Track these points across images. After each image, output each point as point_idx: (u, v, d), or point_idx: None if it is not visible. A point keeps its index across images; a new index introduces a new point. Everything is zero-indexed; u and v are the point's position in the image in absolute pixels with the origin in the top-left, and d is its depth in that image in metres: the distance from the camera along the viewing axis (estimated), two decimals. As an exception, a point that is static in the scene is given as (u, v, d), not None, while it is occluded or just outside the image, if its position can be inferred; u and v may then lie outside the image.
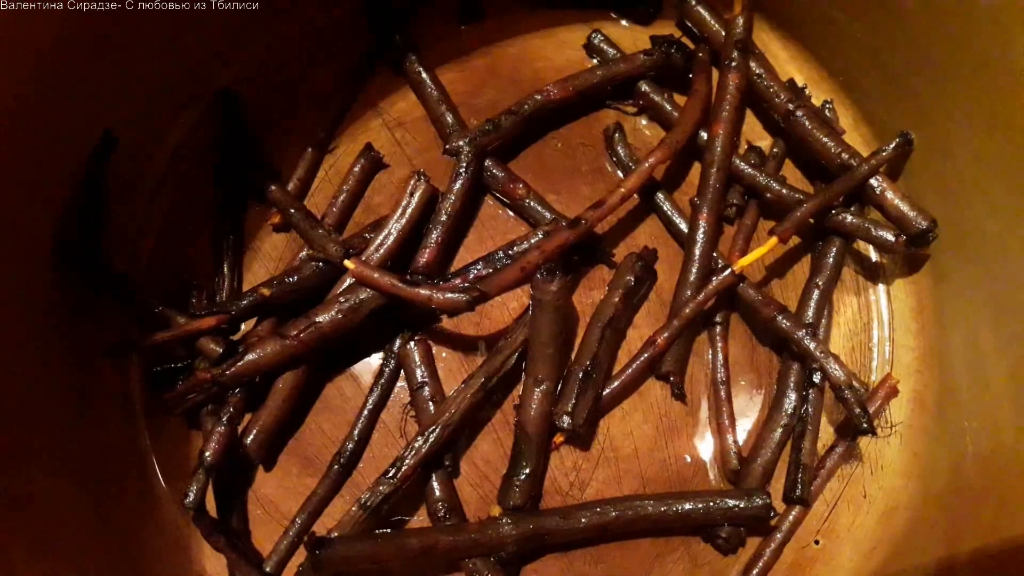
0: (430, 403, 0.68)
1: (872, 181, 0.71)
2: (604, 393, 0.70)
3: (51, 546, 0.60)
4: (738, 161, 0.74)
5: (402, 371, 0.71)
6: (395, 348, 0.71)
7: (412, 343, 0.70)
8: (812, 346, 0.68)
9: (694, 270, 0.72)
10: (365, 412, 0.70)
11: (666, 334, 0.70)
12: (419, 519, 0.69)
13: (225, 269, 0.73)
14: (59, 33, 0.59)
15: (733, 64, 0.74)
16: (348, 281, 0.69)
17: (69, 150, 0.65)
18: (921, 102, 0.69)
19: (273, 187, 0.73)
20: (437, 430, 0.64)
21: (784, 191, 0.73)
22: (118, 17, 0.63)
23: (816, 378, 0.69)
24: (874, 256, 0.76)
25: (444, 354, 0.73)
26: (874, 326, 0.75)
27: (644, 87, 0.78)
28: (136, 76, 0.68)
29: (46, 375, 0.64)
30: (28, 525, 0.58)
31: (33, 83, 0.58)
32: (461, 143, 0.72)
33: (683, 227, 0.74)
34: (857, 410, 0.66)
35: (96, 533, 0.64)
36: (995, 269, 0.64)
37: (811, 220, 0.72)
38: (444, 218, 0.71)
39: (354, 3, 0.79)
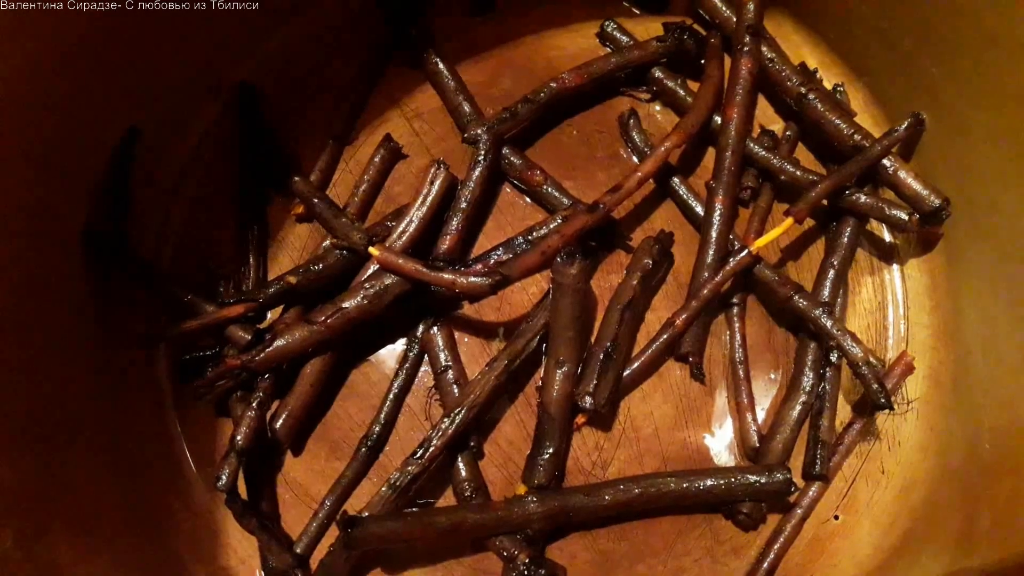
0: (454, 386, 0.70)
1: (885, 161, 0.71)
2: (624, 374, 0.71)
3: (89, 528, 0.61)
4: (752, 144, 0.75)
5: (426, 356, 0.72)
6: (418, 334, 0.72)
7: (435, 328, 0.71)
8: (829, 324, 0.69)
9: (711, 252, 0.73)
10: (391, 396, 0.71)
11: (684, 315, 0.71)
12: (445, 500, 0.70)
13: (251, 259, 0.74)
14: (77, 30, 0.60)
15: (745, 49, 0.75)
16: (372, 268, 0.70)
17: (96, 143, 0.67)
18: (931, 81, 0.69)
19: (296, 179, 0.75)
20: (463, 411, 0.66)
21: (798, 173, 0.74)
22: (127, 14, 0.64)
23: (833, 356, 0.70)
24: (888, 236, 0.77)
25: (466, 339, 0.74)
26: (889, 305, 0.76)
27: (657, 73, 0.79)
28: (156, 70, 0.70)
29: (78, 364, 0.66)
30: (67, 508, 0.60)
31: (58, 78, 0.60)
32: (479, 131, 0.74)
33: (699, 210, 0.75)
34: (875, 385, 0.67)
35: (130, 516, 0.66)
36: (1009, 245, 0.65)
37: (825, 201, 0.73)
38: (464, 205, 0.73)
39: (370, -2, 0.80)
